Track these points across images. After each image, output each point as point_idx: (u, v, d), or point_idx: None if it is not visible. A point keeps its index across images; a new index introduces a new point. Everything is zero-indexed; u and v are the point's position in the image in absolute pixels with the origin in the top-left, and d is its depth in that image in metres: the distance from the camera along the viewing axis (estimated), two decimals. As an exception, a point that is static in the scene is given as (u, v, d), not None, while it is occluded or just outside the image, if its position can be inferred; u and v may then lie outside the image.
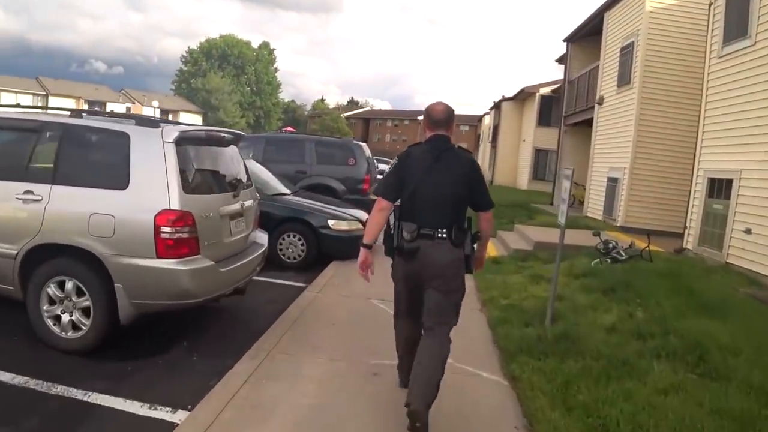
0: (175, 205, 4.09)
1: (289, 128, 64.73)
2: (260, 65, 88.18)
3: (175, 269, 4.09)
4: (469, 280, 4.50)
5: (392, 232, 3.28)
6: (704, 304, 5.22)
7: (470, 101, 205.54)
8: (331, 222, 7.86)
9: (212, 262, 4.34)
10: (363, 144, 12.16)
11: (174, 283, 4.14)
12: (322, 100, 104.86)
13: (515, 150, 33.47)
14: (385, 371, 4.00)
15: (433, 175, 3.16)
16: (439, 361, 3.10)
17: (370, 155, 12.53)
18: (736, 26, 7.97)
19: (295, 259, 7.85)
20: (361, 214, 8.67)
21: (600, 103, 13.37)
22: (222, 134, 5.09)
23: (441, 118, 3.31)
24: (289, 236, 7.84)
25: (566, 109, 17.04)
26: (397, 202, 3.28)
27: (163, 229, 4.00)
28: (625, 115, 11.72)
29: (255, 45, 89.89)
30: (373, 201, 3.42)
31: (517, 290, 6.30)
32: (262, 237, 5.69)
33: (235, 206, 4.83)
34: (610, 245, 7.73)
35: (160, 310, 4.34)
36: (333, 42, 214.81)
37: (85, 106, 71.67)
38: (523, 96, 31.86)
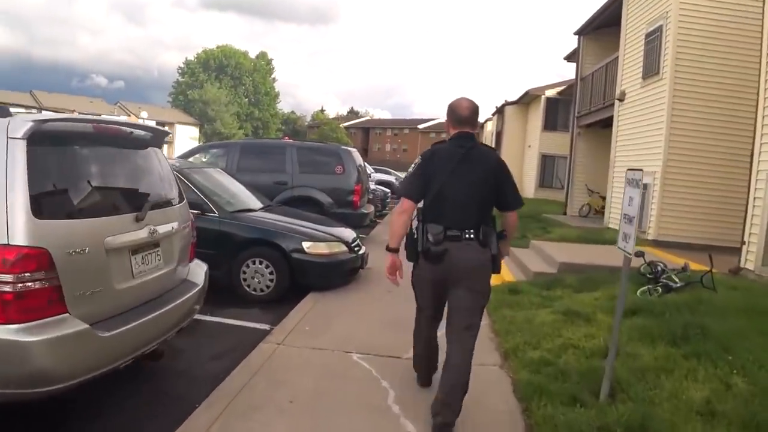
0: (19, 238, 2.57)
1: (287, 138, 63.91)
2: (258, 75, 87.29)
3: (17, 341, 2.55)
4: (483, 319, 3.38)
5: (415, 235, 3.17)
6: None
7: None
8: (306, 244, 6.28)
9: (86, 325, 2.77)
10: (353, 150, 10.61)
11: (20, 363, 2.58)
12: (322, 110, 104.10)
13: (520, 156, 31.89)
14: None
15: (460, 175, 3.06)
16: (467, 370, 3.06)
17: (362, 163, 10.98)
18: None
19: (262, 291, 6.27)
20: (347, 234, 7.09)
21: (621, 99, 11.82)
22: (128, 130, 3.53)
23: (467, 115, 3.20)
24: (254, 263, 6.26)
25: (579, 109, 15.49)
26: (419, 204, 3.18)
27: (-4, 276, 2.48)
28: (654, 110, 10.16)
29: (253, 55, 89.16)
30: (364, 215, 3.51)
31: (548, 335, 4.69)
32: (197, 272, 4.14)
33: (140, 234, 3.27)
34: (658, 268, 6.14)
35: (4, 404, 2.76)
36: (332, 53, 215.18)
37: (79, 120, 70.70)
38: (527, 99, 30.33)
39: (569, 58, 19.09)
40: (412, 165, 3.28)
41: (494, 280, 7.43)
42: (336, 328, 5.18)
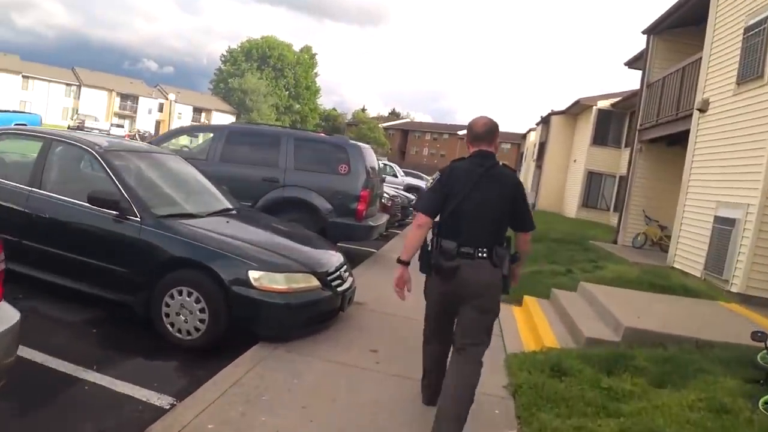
0: None
1: (322, 134, 62.62)
2: (300, 69, 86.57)
3: None
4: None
5: (429, 249, 3.19)
6: None
7: (515, 119, 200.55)
8: (254, 274, 4.26)
9: None
10: (365, 147, 8.61)
11: None
12: (363, 109, 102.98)
13: (563, 171, 29.45)
14: None
15: (478, 193, 3.10)
16: (470, 390, 3.03)
17: (376, 164, 8.97)
18: None
19: (189, 334, 4.32)
20: (328, 261, 5.04)
21: (703, 110, 9.52)
22: None
23: (481, 132, 3.24)
24: (180, 293, 4.31)
25: (642, 120, 13.17)
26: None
27: None
28: (752, 123, 7.87)
29: (297, 48, 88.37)
30: (370, 229, 4.20)
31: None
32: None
33: None
34: (788, 359, 3.96)
35: None
36: (379, 54, 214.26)
37: (117, 99, 70.88)
38: (576, 110, 27.88)
39: (632, 63, 16.71)
40: (431, 179, 2.51)
41: (531, 344, 5.57)
42: (278, 413, 3.21)
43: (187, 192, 5.62)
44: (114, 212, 4.52)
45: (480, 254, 3.06)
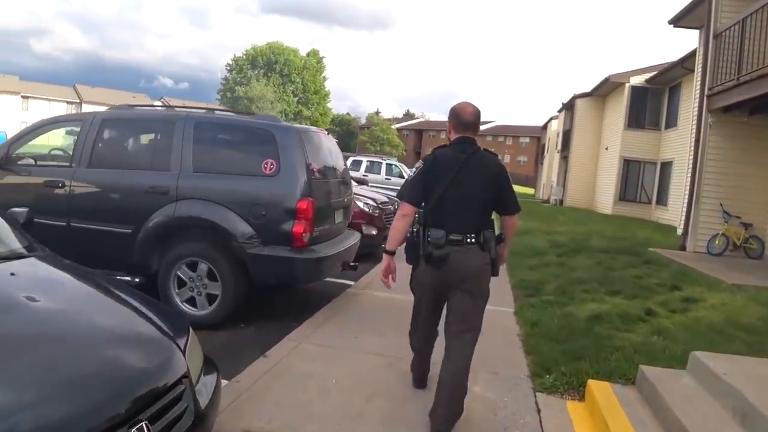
0: None
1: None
2: (308, 73, 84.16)
3: None
4: None
5: (416, 239, 3.17)
6: None
7: (531, 112, 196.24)
8: None
9: None
10: (306, 130, 5.49)
11: None
12: (377, 112, 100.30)
13: (593, 161, 26.01)
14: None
15: (462, 179, 3.08)
16: (465, 375, 3.13)
17: (331, 157, 5.83)
18: None
19: None
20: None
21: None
22: None
23: (471, 120, 3.21)
24: None
25: (711, 83, 9.82)
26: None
27: None
28: None
29: (303, 53, 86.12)
30: (316, 264, 4.21)
31: None
32: None
33: None
34: None
35: None
36: (391, 57, 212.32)
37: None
38: (605, 90, 24.45)
39: (680, 18, 13.34)
40: (413, 169, 3.26)
41: None
42: None
43: None
44: None
45: (468, 240, 3.06)
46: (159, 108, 5.78)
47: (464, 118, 3.19)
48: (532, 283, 6.87)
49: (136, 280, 5.11)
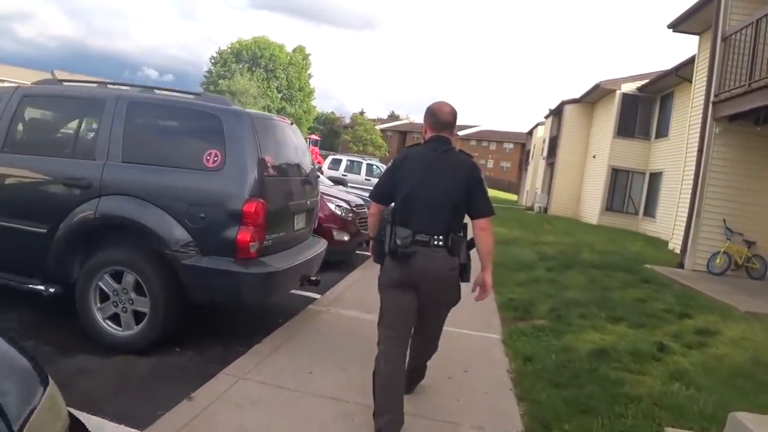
0: None
1: (313, 136, 58.60)
2: (293, 70, 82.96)
3: None
4: None
5: (383, 237, 3.06)
6: None
7: (516, 118, 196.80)
8: None
9: None
10: (260, 116, 4.61)
11: None
12: (362, 112, 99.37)
13: (579, 169, 25.42)
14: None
15: (431, 179, 2.97)
16: (424, 360, 3.36)
17: (292, 148, 4.94)
18: None
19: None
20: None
21: None
22: None
23: (448, 120, 3.11)
24: None
25: (717, 89, 9.12)
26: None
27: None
28: None
29: (290, 49, 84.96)
30: (266, 279, 3.69)
31: None
32: None
33: None
34: None
35: None
36: (377, 58, 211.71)
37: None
38: (595, 96, 23.86)
39: (681, 22, 12.70)
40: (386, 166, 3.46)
41: None
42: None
43: None
44: None
45: (435, 242, 2.94)
46: (91, 85, 4.82)
47: (441, 118, 3.10)
48: (522, 304, 6.04)
49: (51, 290, 4.21)
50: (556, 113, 27.96)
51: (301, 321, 4.95)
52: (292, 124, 5.08)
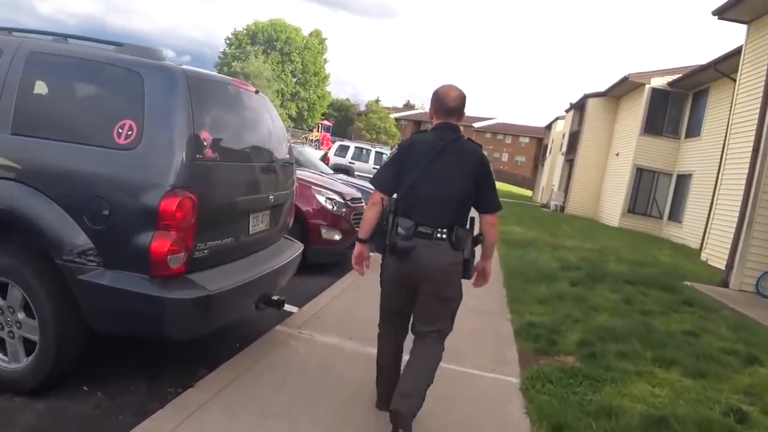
0: None
1: (325, 122, 57.22)
2: (309, 54, 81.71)
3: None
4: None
5: (385, 227, 2.88)
6: None
7: (532, 111, 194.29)
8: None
9: None
10: (211, 77, 3.47)
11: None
12: (377, 100, 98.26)
13: (600, 167, 24.04)
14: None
15: (437, 168, 2.80)
16: (431, 367, 2.84)
17: (265, 123, 3.79)
18: None
19: None
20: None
21: None
22: None
23: (455, 106, 2.92)
24: None
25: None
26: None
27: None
28: None
29: (306, 33, 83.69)
30: (195, 306, 2.77)
31: None
32: None
33: None
34: None
35: None
36: (395, 46, 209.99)
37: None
38: (621, 90, 22.44)
39: (729, 8, 11.34)
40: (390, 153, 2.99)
41: None
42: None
43: None
44: None
45: (439, 235, 2.78)
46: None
47: (447, 104, 2.92)
48: (545, 331, 4.86)
49: None
50: (578, 107, 26.54)
51: (260, 349, 3.80)
52: (257, 92, 3.91)
